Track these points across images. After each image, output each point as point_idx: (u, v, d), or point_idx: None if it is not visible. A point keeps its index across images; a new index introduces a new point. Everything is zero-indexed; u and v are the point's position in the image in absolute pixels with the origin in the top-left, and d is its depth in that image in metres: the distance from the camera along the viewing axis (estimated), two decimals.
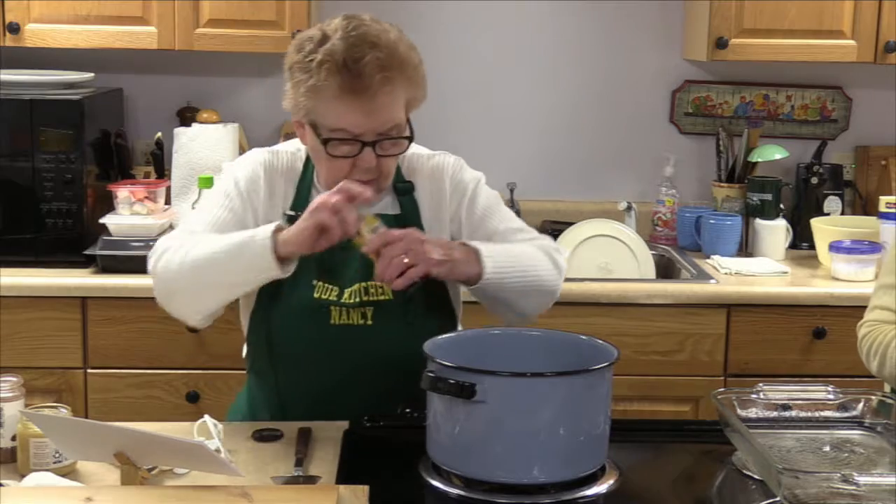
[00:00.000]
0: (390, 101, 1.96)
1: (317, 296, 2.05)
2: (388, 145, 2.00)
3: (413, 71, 1.99)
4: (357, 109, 1.95)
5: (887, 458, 1.82)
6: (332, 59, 1.93)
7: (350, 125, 1.96)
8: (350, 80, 1.92)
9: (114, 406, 3.00)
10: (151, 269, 2.04)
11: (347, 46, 1.93)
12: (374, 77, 1.92)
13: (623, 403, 2.96)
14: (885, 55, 3.31)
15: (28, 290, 2.97)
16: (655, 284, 3.15)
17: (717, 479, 1.86)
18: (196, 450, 1.69)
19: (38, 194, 3.06)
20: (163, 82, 3.60)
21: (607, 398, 1.78)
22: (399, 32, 2.02)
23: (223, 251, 1.94)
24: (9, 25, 3.21)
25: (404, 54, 1.97)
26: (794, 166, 3.59)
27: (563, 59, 3.65)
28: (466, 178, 2.17)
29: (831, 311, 3.07)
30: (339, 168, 2.00)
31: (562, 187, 3.69)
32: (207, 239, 1.98)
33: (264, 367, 2.13)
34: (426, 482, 1.76)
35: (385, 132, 1.98)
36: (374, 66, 1.92)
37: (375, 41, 1.94)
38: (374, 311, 2.05)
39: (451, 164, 2.17)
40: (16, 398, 1.84)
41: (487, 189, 2.19)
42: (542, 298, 2.11)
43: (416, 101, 2.04)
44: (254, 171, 2.12)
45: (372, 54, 1.92)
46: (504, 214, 2.17)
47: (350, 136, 1.97)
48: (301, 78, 1.98)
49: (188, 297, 2.02)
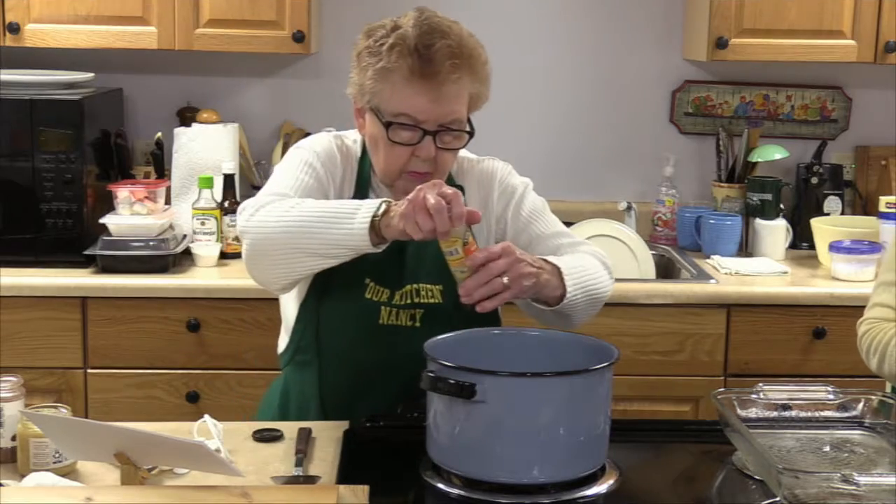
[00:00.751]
0: (456, 90, 1.98)
1: (368, 296, 2.05)
2: (449, 138, 2.01)
3: (480, 66, 2.03)
4: (424, 94, 1.96)
5: (887, 458, 1.82)
6: (404, 43, 1.96)
7: (415, 110, 1.97)
8: (420, 63, 1.95)
9: (114, 406, 3.00)
10: (243, 226, 1.95)
11: (420, 33, 1.96)
12: (443, 63, 1.94)
13: (623, 403, 2.97)
14: (885, 55, 3.31)
15: (28, 290, 2.97)
16: (655, 284, 3.15)
17: (717, 479, 1.86)
18: (196, 450, 1.69)
19: (38, 194, 3.06)
20: (163, 82, 3.60)
21: (607, 398, 1.78)
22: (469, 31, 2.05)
23: (323, 214, 1.88)
24: (9, 25, 3.21)
25: (473, 47, 2.01)
26: (794, 166, 3.59)
27: (562, 59, 3.65)
28: (515, 181, 2.19)
29: (831, 311, 3.07)
30: (397, 155, 2.01)
31: (562, 187, 3.69)
32: (309, 202, 1.93)
33: (309, 359, 2.11)
34: (426, 482, 1.76)
35: (447, 123, 1.99)
36: (445, 52, 1.95)
37: (447, 31, 1.98)
38: (424, 313, 2.06)
39: (501, 169, 2.20)
40: (16, 398, 1.84)
41: (534, 194, 2.20)
42: (598, 309, 2.10)
43: (479, 98, 2.06)
44: (331, 150, 2.10)
45: (443, 42, 1.96)
46: (549, 219, 2.18)
47: (412, 123, 1.98)
48: (370, 61, 1.99)
49: (277, 260, 1.93)
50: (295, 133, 3.54)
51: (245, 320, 3.01)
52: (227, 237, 3.20)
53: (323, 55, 3.58)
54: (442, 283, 2.06)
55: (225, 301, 3.00)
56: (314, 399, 2.11)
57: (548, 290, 1.96)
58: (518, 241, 2.10)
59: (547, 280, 1.95)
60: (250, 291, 2.93)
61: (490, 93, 2.08)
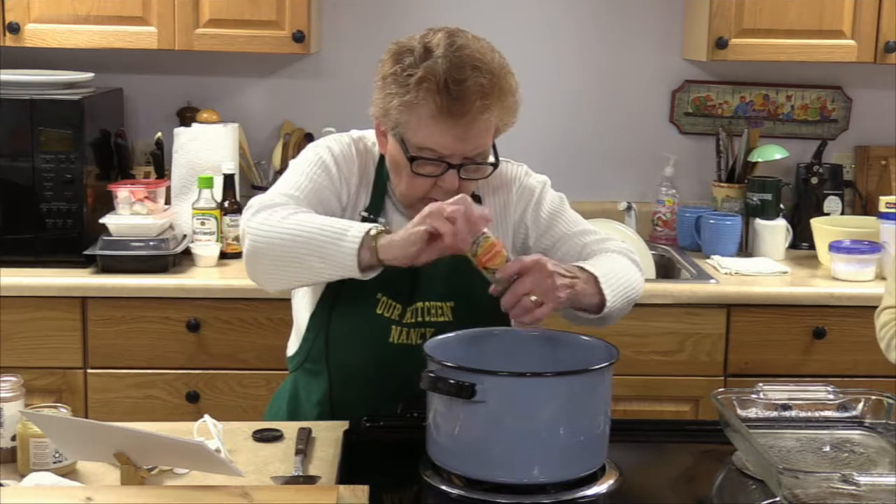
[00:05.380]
0: (485, 127, 1.93)
1: (379, 311, 2.03)
2: (472, 170, 1.97)
3: (511, 99, 1.96)
4: (450, 132, 1.91)
5: (887, 458, 1.82)
6: (434, 79, 1.88)
7: (440, 146, 1.93)
8: (449, 102, 1.88)
9: (114, 406, 3.00)
10: (245, 224, 1.94)
11: (450, 67, 1.89)
12: (474, 103, 1.88)
13: (623, 403, 2.96)
14: (885, 55, 3.31)
15: (28, 290, 2.97)
16: (655, 284, 3.15)
17: (717, 479, 1.86)
18: (196, 450, 1.69)
19: (38, 194, 3.06)
20: (163, 82, 3.60)
21: (607, 398, 1.78)
22: (500, 54, 1.97)
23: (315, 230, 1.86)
24: (9, 25, 3.21)
25: (506, 81, 1.94)
26: (794, 166, 3.59)
27: (562, 59, 3.65)
28: (532, 182, 2.15)
29: (831, 311, 3.07)
30: (419, 186, 1.98)
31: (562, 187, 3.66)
32: (308, 213, 1.91)
33: (318, 369, 2.11)
34: (426, 482, 1.76)
35: (472, 157, 1.96)
36: (476, 91, 1.88)
37: (479, 64, 1.90)
38: (435, 332, 2.01)
39: (516, 172, 2.15)
40: (16, 398, 1.84)
41: (552, 192, 2.17)
42: (630, 308, 2.08)
43: (505, 126, 2.00)
44: (349, 152, 2.07)
45: (474, 79, 1.88)
46: (570, 217, 2.15)
47: (436, 157, 1.94)
48: (396, 91, 1.92)
49: (274, 264, 1.92)
50: (295, 133, 3.54)
51: (245, 320, 3.01)
52: (227, 237, 3.20)
53: (323, 55, 3.58)
54: (453, 299, 2.05)
55: (225, 301, 3.00)
56: (324, 408, 2.11)
57: (586, 298, 1.93)
58: (541, 245, 2.10)
59: (583, 289, 1.92)
60: (250, 291, 2.93)
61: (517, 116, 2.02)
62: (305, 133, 3.54)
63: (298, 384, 2.17)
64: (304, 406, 2.15)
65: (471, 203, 1.82)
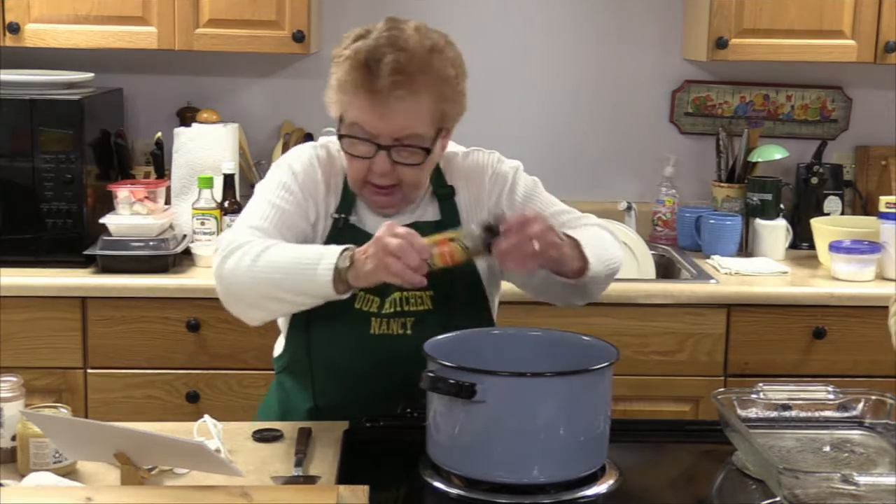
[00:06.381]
0: (405, 106, 1.95)
1: (357, 306, 2.05)
2: (405, 153, 1.99)
3: (441, 83, 1.98)
4: (370, 109, 1.96)
5: (887, 458, 1.82)
6: (356, 56, 1.96)
7: (364, 122, 1.97)
8: (365, 78, 1.94)
9: (114, 406, 3.00)
10: (217, 268, 1.97)
11: (373, 46, 1.95)
12: (387, 78, 1.92)
13: (623, 403, 2.96)
14: (885, 55, 3.31)
15: (28, 290, 2.97)
16: (655, 284, 3.15)
17: (717, 479, 1.86)
18: (196, 450, 1.70)
19: (38, 194, 3.06)
20: (163, 82, 3.60)
21: (607, 398, 1.78)
22: (442, 44, 2.00)
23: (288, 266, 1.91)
24: (9, 25, 3.21)
25: (429, 63, 1.96)
26: (794, 166, 3.59)
27: (562, 59, 3.65)
28: (504, 169, 2.17)
29: (831, 311, 3.07)
30: (358, 168, 2.02)
31: (562, 187, 3.65)
32: (276, 249, 1.94)
33: (302, 370, 2.12)
34: (426, 482, 1.76)
35: (401, 139, 1.97)
36: (390, 67, 1.92)
37: (402, 45, 1.95)
38: (414, 321, 2.05)
39: (488, 160, 2.17)
40: (16, 398, 1.84)
41: (526, 176, 2.19)
42: (611, 281, 2.11)
43: (448, 116, 2.02)
44: (310, 165, 2.11)
45: (392, 56, 1.93)
46: (545, 199, 2.18)
47: (366, 136, 1.98)
48: (334, 71, 2.01)
49: (250, 304, 1.99)
50: (295, 133, 3.54)
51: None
52: None
53: (323, 55, 3.58)
54: (432, 288, 2.04)
55: None
56: (313, 405, 2.11)
57: (569, 262, 1.97)
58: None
59: (567, 253, 1.96)
60: None
61: (464, 107, 2.04)
62: (305, 133, 3.54)
63: (286, 385, 2.18)
64: (294, 405, 2.15)
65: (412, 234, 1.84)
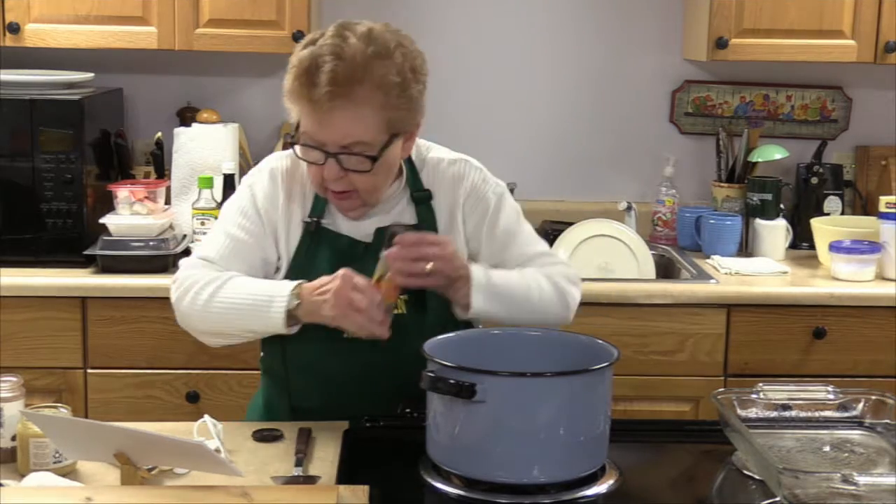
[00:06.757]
0: (345, 116, 1.93)
1: None
2: (354, 161, 1.97)
3: (383, 92, 1.93)
4: (312, 118, 1.95)
5: (887, 458, 1.82)
6: (299, 65, 1.94)
7: (310, 130, 1.97)
8: (304, 87, 1.93)
9: (114, 406, 3.00)
10: (175, 303, 2.04)
11: (315, 55, 1.93)
12: (324, 87, 1.90)
13: (623, 403, 2.97)
14: (885, 55, 3.31)
15: (28, 290, 2.97)
16: (655, 284, 3.15)
17: (717, 479, 1.86)
18: (196, 450, 1.70)
19: (38, 194, 3.06)
20: (163, 82, 3.60)
21: (607, 398, 1.78)
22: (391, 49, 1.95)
23: (240, 308, 1.96)
24: (9, 25, 3.21)
25: (369, 71, 1.92)
26: (794, 166, 3.59)
27: (562, 59, 3.65)
28: (487, 193, 2.14)
29: (831, 311, 3.07)
30: (314, 173, 2.02)
31: (562, 187, 3.70)
32: (229, 287, 1.98)
33: (279, 372, 2.13)
34: (426, 482, 1.76)
35: (346, 146, 1.96)
36: (327, 77, 1.90)
37: (341, 53, 1.91)
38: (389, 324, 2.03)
39: (472, 175, 2.15)
40: (16, 398, 1.84)
41: (508, 206, 2.16)
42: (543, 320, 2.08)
43: (399, 122, 1.98)
44: (271, 181, 2.12)
45: (331, 65, 1.90)
46: (524, 237, 2.15)
47: (314, 144, 1.97)
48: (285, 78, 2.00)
49: (208, 337, 2.07)
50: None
51: None
52: None
53: None
54: (406, 292, 2.05)
55: None
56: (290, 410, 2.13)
57: (458, 294, 1.99)
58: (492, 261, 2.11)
59: (459, 288, 1.99)
60: None
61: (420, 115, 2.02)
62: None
63: (269, 385, 2.20)
64: (277, 405, 2.17)
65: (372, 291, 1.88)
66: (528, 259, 2.13)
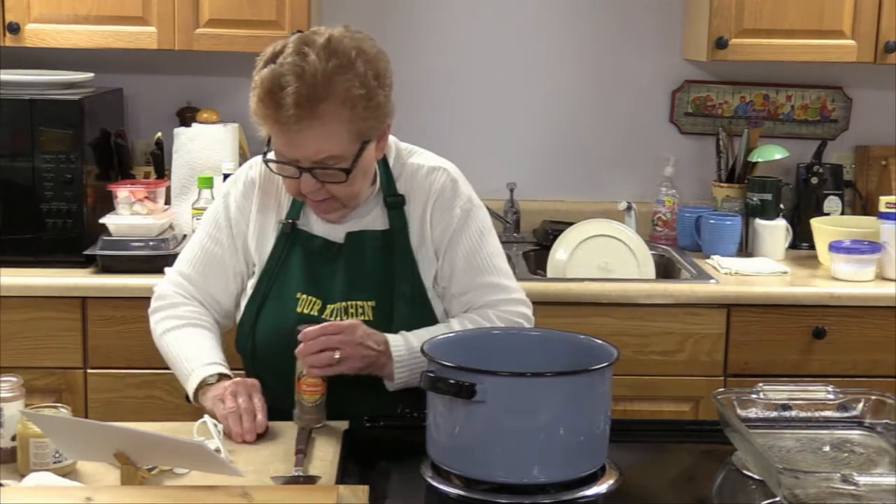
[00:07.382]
0: (314, 134, 1.91)
1: (299, 310, 2.08)
2: (328, 173, 1.97)
3: (348, 106, 1.91)
4: (281, 138, 1.94)
5: (887, 458, 1.82)
6: (262, 86, 1.92)
7: (281, 149, 1.97)
8: (269, 109, 1.91)
9: (114, 406, 3.00)
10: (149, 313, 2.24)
11: (274, 75, 1.90)
12: (290, 109, 1.88)
13: (623, 403, 2.96)
14: (885, 55, 3.31)
15: (28, 290, 2.97)
16: (655, 284, 3.15)
17: (717, 479, 1.86)
18: (196, 450, 1.70)
19: (38, 194, 3.06)
20: (163, 82, 3.60)
21: (607, 398, 1.78)
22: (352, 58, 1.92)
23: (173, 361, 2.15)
24: (9, 25, 3.21)
25: (332, 88, 1.89)
26: (794, 166, 3.59)
27: (562, 59, 3.65)
28: (455, 208, 2.11)
29: (831, 311, 3.07)
30: (290, 185, 2.02)
31: (562, 187, 3.69)
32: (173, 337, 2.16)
33: (254, 371, 2.16)
34: (426, 482, 1.76)
35: (319, 161, 1.95)
36: (292, 99, 1.88)
37: (301, 73, 1.88)
38: None
39: (444, 185, 2.11)
40: (16, 398, 1.84)
41: (475, 225, 2.12)
42: None
43: (371, 129, 1.97)
44: (245, 189, 2.15)
45: (293, 87, 1.88)
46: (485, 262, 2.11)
47: (287, 160, 1.97)
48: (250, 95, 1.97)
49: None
50: None
51: None
52: None
53: None
54: (375, 299, 2.07)
55: None
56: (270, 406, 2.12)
57: (384, 371, 2.01)
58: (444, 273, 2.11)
59: (383, 364, 2.00)
60: None
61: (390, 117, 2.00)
62: None
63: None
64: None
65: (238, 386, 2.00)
66: (482, 291, 2.09)
